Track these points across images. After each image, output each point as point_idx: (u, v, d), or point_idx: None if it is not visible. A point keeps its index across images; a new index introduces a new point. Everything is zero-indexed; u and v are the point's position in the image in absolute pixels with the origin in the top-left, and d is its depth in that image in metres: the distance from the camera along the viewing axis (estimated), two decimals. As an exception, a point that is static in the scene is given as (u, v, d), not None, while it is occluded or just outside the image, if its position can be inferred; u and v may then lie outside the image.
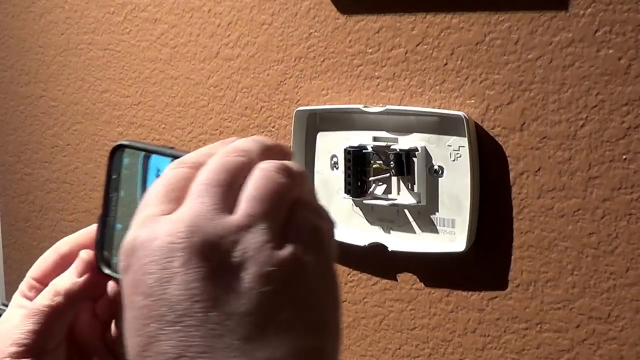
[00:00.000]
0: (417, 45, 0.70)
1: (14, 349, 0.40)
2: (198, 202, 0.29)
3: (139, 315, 0.27)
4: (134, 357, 0.28)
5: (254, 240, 0.28)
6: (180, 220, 0.28)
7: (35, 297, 0.44)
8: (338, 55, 0.76)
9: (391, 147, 0.70)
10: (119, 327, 0.44)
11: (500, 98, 0.66)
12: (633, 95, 0.60)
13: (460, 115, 0.66)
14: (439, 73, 0.69)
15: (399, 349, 0.76)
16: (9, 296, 1.23)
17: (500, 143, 0.67)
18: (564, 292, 0.65)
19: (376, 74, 0.73)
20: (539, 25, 0.63)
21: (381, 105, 0.72)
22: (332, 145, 0.76)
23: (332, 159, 0.76)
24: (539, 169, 0.65)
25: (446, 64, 0.69)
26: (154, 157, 0.39)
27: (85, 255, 0.43)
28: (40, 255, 0.47)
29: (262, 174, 0.30)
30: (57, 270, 0.45)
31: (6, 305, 1.25)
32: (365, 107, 0.72)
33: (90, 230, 0.44)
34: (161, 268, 0.27)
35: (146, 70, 0.95)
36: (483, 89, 0.67)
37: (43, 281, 0.45)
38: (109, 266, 0.41)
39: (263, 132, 0.84)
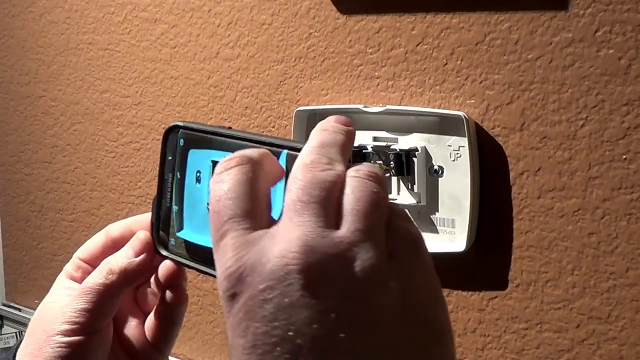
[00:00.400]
0: (417, 45, 0.70)
1: (66, 326, 0.40)
2: (301, 220, 0.28)
3: (260, 341, 0.26)
4: None
5: (367, 256, 0.27)
6: (289, 240, 0.27)
7: (82, 277, 0.44)
8: (338, 55, 0.76)
9: (391, 147, 0.70)
10: (162, 315, 0.44)
11: (500, 98, 0.66)
12: (633, 95, 0.60)
13: (460, 115, 0.66)
14: (439, 73, 0.69)
15: None
16: (9, 296, 1.23)
17: (500, 143, 0.67)
18: (564, 292, 0.65)
19: (376, 74, 0.73)
20: (539, 25, 0.63)
21: (381, 105, 0.72)
22: (332, 145, 0.76)
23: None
24: (539, 169, 0.65)
25: (446, 64, 0.69)
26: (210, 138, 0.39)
27: (143, 235, 0.43)
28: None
29: (359, 184, 0.29)
30: (106, 252, 0.45)
31: (6, 305, 1.25)
32: (365, 107, 0.72)
33: (142, 218, 0.45)
34: (280, 293, 0.26)
35: (146, 70, 0.95)
36: (483, 89, 0.67)
37: (91, 262, 0.45)
38: (166, 248, 0.41)
39: (263, 132, 0.84)
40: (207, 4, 0.87)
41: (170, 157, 0.41)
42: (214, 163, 0.40)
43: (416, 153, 0.69)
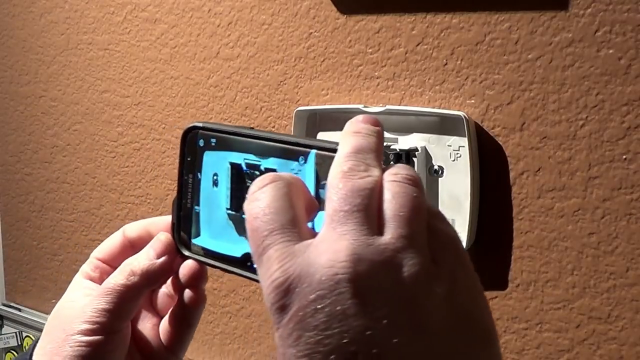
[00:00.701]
0: (417, 45, 0.70)
1: (86, 326, 0.40)
2: (345, 229, 0.28)
3: (313, 349, 0.27)
4: None
5: (412, 262, 0.28)
6: (336, 250, 0.28)
7: (100, 277, 0.44)
8: (338, 55, 0.76)
9: (391, 147, 0.70)
10: (178, 317, 0.45)
11: (500, 98, 0.66)
12: (633, 95, 0.60)
13: (460, 115, 0.66)
14: (439, 73, 0.69)
15: None
16: (9, 296, 1.23)
17: (500, 143, 0.67)
18: (564, 292, 0.65)
19: (376, 74, 0.73)
20: (539, 25, 0.63)
21: (381, 105, 0.72)
22: (332, 145, 0.76)
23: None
24: (539, 169, 0.65)
25: (446, 64, 0.69)
26: (229, 139, 0.39)
27: (164, 237, 0.43)
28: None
29: (399, 190, 0.29)
30: (124, 252, 0.45)
31: (6, 305, 1.25)
32: (365, 107, 0.72)
33: (159, 220, 0.45)
34: (331, 302, 0.27)
35: (146, 70, 0.95)
36: (483, 89, 0.67)
37: (109, 262, 0.45)
38: (188, 248, 0.41)
39: (263, 132, 0.84)
40: (207, 4, 0.87)
41: (189, 158, 0.41)
42: (232, 165, 0.40)
43: (416, 153, 0.69)
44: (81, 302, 0.42)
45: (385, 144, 0.73)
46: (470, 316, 0.29)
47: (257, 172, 0.38)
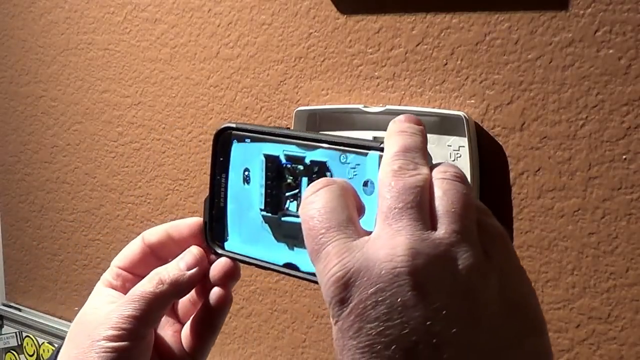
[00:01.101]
0: (417, 45, 0.70)
1: (111, 332, 0.41)
2: (401, 225, 0.29)
3: (375, 340, 0.28)
4: None
5: (466, 255, 0.29)
6: (393, 245, 0.29)
7: (122, 285, 0.45)
8: (338, 55, 0.76)
9: (391, 147, 0.70)
10: (201, 321, 0.45)
11: (500, 98, 0.66)
12: (633, 95, 0.60)
13: (460, 115, 0.66)
14: (439, 73, 0.69)
15: None
16: (9, 296, 1.23)
17: (500, 143, 0.67)
18: (564, 292, 0.65)
19: (376, 74, 0.73)
20: (539, 25, 0.63)
21: (381, 105, 0.72)
22: (332, 145, 0.76)
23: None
24: (539, 169, 0.65)
25: (446, 64, 0.69)
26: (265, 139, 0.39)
27: (196, 250, 0.44)
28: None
29: (449, 187, 0.31)
30: (145, 259, 0.45)
31: (6, 305, 1.25)
32: (365, 107, 0.72)
33: (179, 223, 0.45)
34: (391, 294, 0.28)
35: (146, 70, 0.95)
36: (483, 89, 0.67)
37: (130, 270, 0.46)
38: (222, 247, 0.42)
39: (263, 132, 0.84)
40: (207, 4, 0.87)
41: (221, 159, 0.42)
42: (267, 157, 0.40)
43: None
44: (105, 309, 0.43)
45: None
46: (521, 307, 0.30)
47: (301, 166, 0.38)
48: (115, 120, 1.00)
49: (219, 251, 0.42)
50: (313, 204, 0.32)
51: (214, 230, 0.43)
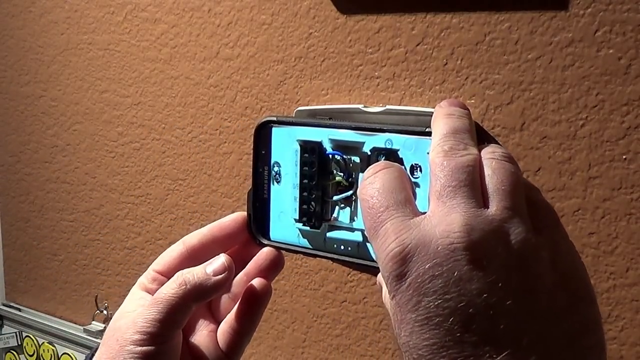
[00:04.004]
0: (417, 45, 0.70)
1: (137, 336, 0.41)
2: (455, 202, 0.30)
3: (433, 313, 0.29)
4: (431, 354, 0.29)
5: (518, 230, 0.30)
6: (449, 221, 0.30)
7: (157, 289, 0.45)
8: (338, 55, 0.76)
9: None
10: (240, 317, 0.45)
11: (500, 98, 0.66)
12: (633, 95, 0.60)
13: (460, 115, 0.66)
14: (439, 73, 0.69)
15: (399, 349, 0.76)
16: (9, 296, 1.23)
17: (500, 143, 0.67)
18: (564, 292, 0.65)
19: (376, 74, 0.73)
20: (539, 25, 0.63)
21: (381, 105, 0.72)
22: (332, 145, 0.76)
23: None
24: (539, 169, 0.65)
25: (446, 64, 0.69)
26: (307, 130, 0.39)
27: (224, 258, 0.44)
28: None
29: (498, 165, 0.32)
30: (183, 262, 0.45)
31: (6, 305, 1.25)
32: (365, 107, 0.72)
33: (217, 223, 0.45)
34: (448, 268, 0.29)
35: (146, 70, 0.95)
36: (483, 89, 0.67)
37: (167, 274, 0.46)
38: (266, 236, 0.42)
39: (263, 132, 0.84)
40: (207, 4, 0.87)
41: (263, 152, 0.42)
42: (303, 144, 0.39)
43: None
44: (134, 312, 0.43)
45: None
46: (572, 277, 0.31)
47: (356, 158, 0.37)
48: (115, 120, 1.00)
49: (264, 241, 0.42)
50: (373, 184, 0.33)
51: (257, 222, 0.42)
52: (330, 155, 0.38)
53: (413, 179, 0.35)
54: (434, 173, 0.32)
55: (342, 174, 0.38)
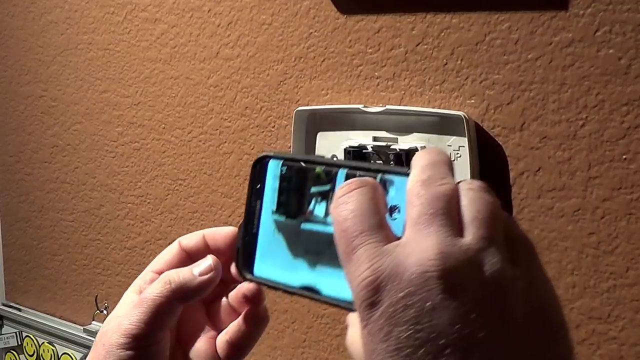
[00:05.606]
0: (417, 45, 0.70)
1: (122, 340, 0.41)
2: (431, 231, 0.30)
3: (404, 344, 0.28)
4: None
5: (494, 261, 0.30)
6: (424, 249, 0.29)
7: None
8: (338, 55, 0.76)
9: (391, 147, 0.70)
10: (238, 332, 0.45)
11: (500, 98, 0.66)
12: (633, 95, 0.60)
13: (460, 115, 0.66)
14: (439, 73, 0.69)
15: None
16: (9, 296, 1.23)
17: (500, 143, 0.67)
18: (564, 292, 0.65)
19: (376, 74, 0.73)
20: (539, 25, 0.63)
21: (381, 105, 0.72)
22: (332, 145, 0.76)
23: (332, 158, 0.76)
24: (539, 169, 0.65)
25: (446, 64, 0.69)
26: (303, 167, 0.40)
27: (212, 259, 0.44)
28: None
29: (476, 195, 0.32)
30: (181, 263, 0.45)
31: (6, 305, 1.25)
32: (365, 107, 0.72)
33: (216, 230, 0.45)
34: (421, 298, 0.28)
35: (146, 70, 0.95)
36: (483, 89, 0.67)
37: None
38: (252, 272, 0.42)
39: (263, 132, 0.84)
40: (207, 4, 0.87)
41: (258, 186, 0.42)
42: (288, 166, 0.40)
43: (416, 153, 0.69)
44: (124, 312, 0.42)
45: (385, 144, 0.73)
46: (546, 312, 0.31)
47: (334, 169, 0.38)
48: (115, 120, 1.00)
49: (247, 276, 0.42)
50: (347, 204, 0.32)
51: (245, 256, 0.43)
52: (310, 168, 0.40)
53: (391, 220, 0.35)
54: (410, 201, 0.31)
55: (323, 173, 0.39)
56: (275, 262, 0.41)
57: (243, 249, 0.42)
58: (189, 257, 0.45)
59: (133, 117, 0.98)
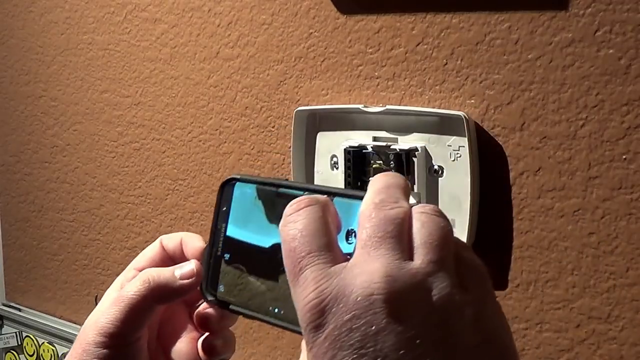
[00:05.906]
0: (417, 45, 0.70)
1: (99, 339, 0.40)
2: (379, 253, 0.29)
3: None
4: None
5: (442, 285, 0.29)
6: (371, 272, 0.29)
7: None
8: (338, 55, 0.76)
9: (391, 147, 0.70)
10: (214, 340, 0.45)
11: (500, 98, 0.66)
12: (633, 95, 0.60)
13: (460, 115, 0.66)
14: (439, 73, 0.69)
15: None
16: (9, 296, 1.23)
17: (500, 143, 0.67)
18: (564, 292, 0.65)
19: (376, 74, 0.73)
20: (539, 25, 0.63)
21: (381, 105, 0.72)
22: (332, 145, 0.76)
23: (332, 159, 0.76)
24: (539, 169, 0.65)
25: (446, 64, 0.69)
26: (267, 190, 0.40)
27: (194, 264, 0.43)
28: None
29: (428, 219, 0.31)
30: (165, 263, 0.45)
31: (6, 305, 1.25)
32: (365, 107, 0.72)
33: (193, 235, 0.45)
34: (366, 322, 0.28)
35: (146, 70, 0.95)
36: (483, 89, 0.67)
37: None
38: (215, 295, 0.42)
39: (263, 132, 0.84)
40: (207, 4, 0.87)
41: (224, 209, 0.42)
42: (259, 193, 0.40)
43: (416, 153, 0.69)
44: (102, 310, 0.42)
45: (385, 144, 0.73)
46: (495, 339, 0.30)
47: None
48: (115, 120, 1.00)
49: (210, 299, 0.42)
50: (295, 223, 0.32)
51: (209, 278, 0.43)
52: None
53: (347, 244, 0.34)
54: (361, 224, 0.31)
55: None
56: (238, 285, 0.41)
57: (207, 272, 0.42)
58: (170, 257, 0.45)
59: (133, 117, 0.98)
